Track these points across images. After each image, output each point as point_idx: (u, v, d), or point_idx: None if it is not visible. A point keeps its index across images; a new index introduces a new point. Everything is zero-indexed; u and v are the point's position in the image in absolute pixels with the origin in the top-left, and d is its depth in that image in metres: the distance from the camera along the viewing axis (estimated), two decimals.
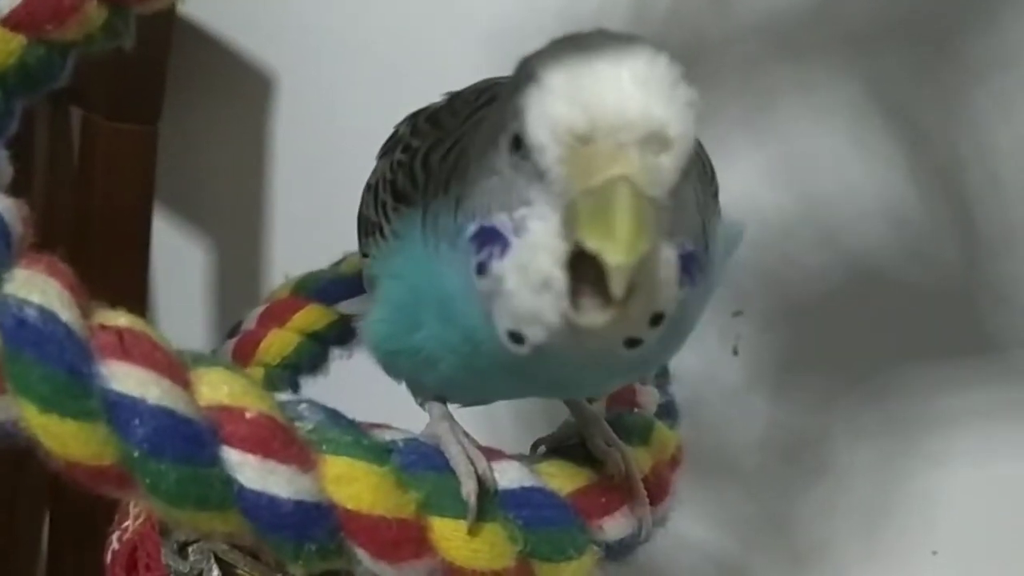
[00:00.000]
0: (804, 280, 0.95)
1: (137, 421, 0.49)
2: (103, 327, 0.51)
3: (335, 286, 0.81)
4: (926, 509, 0.95)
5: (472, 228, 0.49)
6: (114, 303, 0.53)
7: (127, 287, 1.09)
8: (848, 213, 0.93)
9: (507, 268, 0.47)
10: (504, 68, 0.98)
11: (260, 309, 0.80)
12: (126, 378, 0.49)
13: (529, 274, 0.46)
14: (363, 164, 1.10)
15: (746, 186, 0.54)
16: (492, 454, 0.57)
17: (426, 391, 0.60)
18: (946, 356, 0.93)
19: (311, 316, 0.80)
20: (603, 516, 0.59)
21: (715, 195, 0.57)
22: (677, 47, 0.51)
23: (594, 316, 0.45)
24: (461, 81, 1.05)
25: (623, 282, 0.44)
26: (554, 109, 0.45)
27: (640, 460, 0.62)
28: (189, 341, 0.55)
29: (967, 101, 0.89)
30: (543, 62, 0.47)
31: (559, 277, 0.46)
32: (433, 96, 1.07)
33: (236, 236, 1.20)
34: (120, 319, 0.51)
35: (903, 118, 0.92)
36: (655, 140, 0.45)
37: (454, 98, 0.61)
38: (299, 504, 0.51)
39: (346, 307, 0.80)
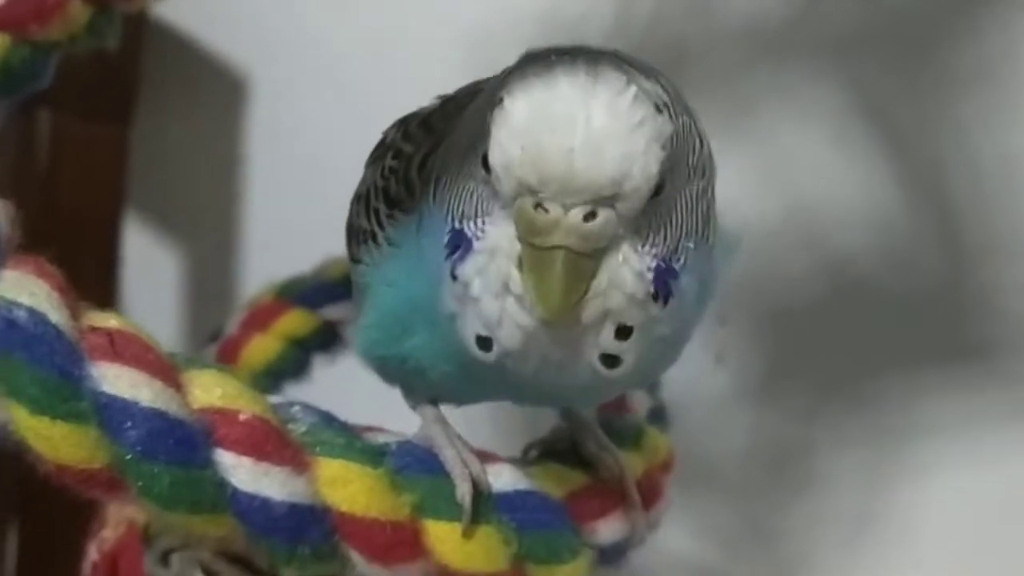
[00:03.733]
0: (787, 287, 0.95)
1: (130, 423, 0.48)
2: (93, 328, 0.50)
3: (319, 291, 0.81)
4: (910, 518, 0.94)
5: (447, 232, 0.50)
6: None
7: (95, 293, 1.07)
8: (831, 219, 0.93)
9: (470, 272, 0.48)
10: (485, 71, 0.97)
11: (242, 314, 0.80)
12: (117, 380, 0.49)
13: (490, 276, 0.48)
14: (339, 167, 1.09)
15: (728, 192, 0.54)
16: (486, 457, 0.57)
17: (418, 394, 0.59)
18: (930, 364, 0.92)
19: (294, 321, 0.80)
20: (597, 519, 0.58)
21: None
22: (659, 52, 0.51)
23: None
24: (441, 84, 1.05)
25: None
26: (509, 154, 0.46)
27: (632, 464, 0.62)
28: None
29: (949, 108, 0.89)
30: (511, 90, 0.47)
31: (517, 278, 0.47)
32: (411, 99, 1.07)
33: (209, 242, 1.18)
34: (111, 320, 0.51)
35: (886, 124, 0.92)
36: (605, 199, 0.45)
37: (447, 101, 0.60)
38: (293, 507, 0.50)
39: (330, 312, 0.79)
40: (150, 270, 1.19)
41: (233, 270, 1.18)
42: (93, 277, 1.10)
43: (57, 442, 0.48)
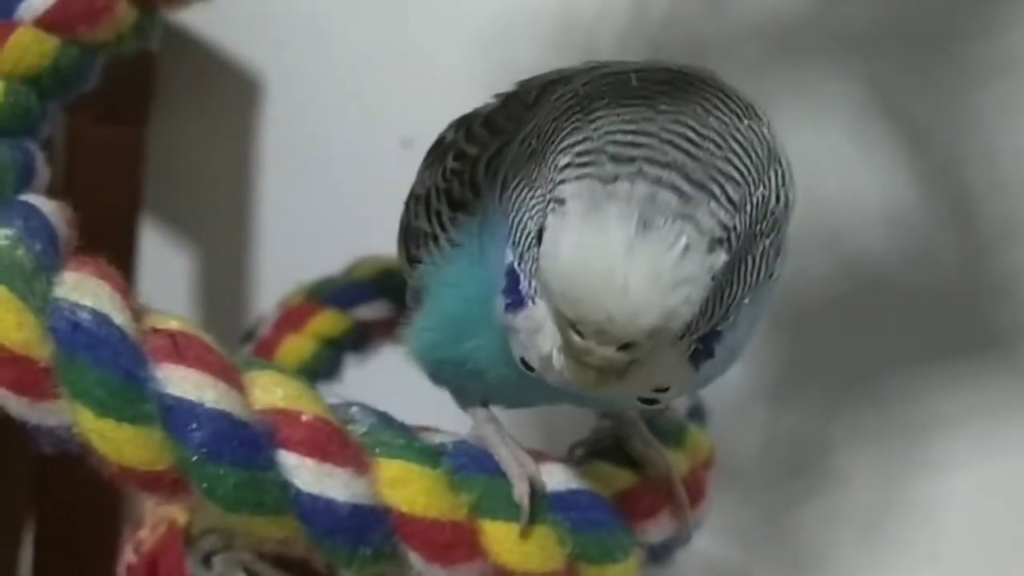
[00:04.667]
0: (805, 284, 0.95)
1: (195, 425, 0.48)
2: (155, 330, 0.50)
3: (350, 291, 0.81)
4: (928, 514, 0.95)
5: (509, 261, 0.49)
6: None
7: None
8: (849, 216, 0.93)
9: (520, 324, 0.49)
10: (499, 71, 0.97)
11: (275, 315, 0.80)
12: (182, 381, 0.49)
13: (533, 341, 0.48)
14: (352, 167, 1.10)
15: None
16: (537, 456, 0.57)
17: (471, 396, 0.59)
18: (948, 360, 0.93)
19: (327, 322, 0.80)
20: (646, 518, 0.59)
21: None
22: (674, 50, 0.51)
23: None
24: (453, 84, 1.05)
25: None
26: (551, 287, 0.45)
27: (677, 462, 0.62)
28: None
29: (967, 104, 0.89)
30: (565, 211, 0.45)
31: (557, 357, 0.47)
32: (425, 98, 1.07)
33: (224, 242, 1.18)
34: (171, 322, 0.51)
35: (903, 121, 0.92)
36: (638, 343, 0.45)
37: (508, 99, 0.59)
38: (356, 507, 0.50)
39: (362, 312, 0.79)
40: (166, 270, 1.19)
41: (248, 270, 1.18)
42: None
43: (122, 444, 0.48)
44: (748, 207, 0.46)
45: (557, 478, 0.56)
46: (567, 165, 0.46)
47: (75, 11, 0.59)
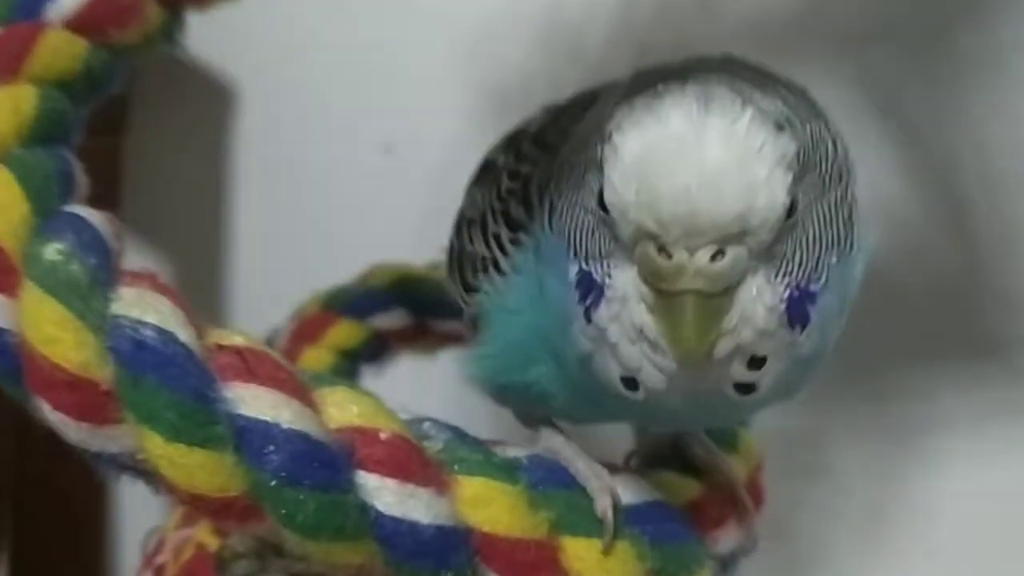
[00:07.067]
0: None
1: (271, 448, 0.45)
2: (221, 347, 0.47)
3: (365, 300, 0.80)
4: (924, 511, 0.94)
5: (575, 271, 0.47)
6: None
7: None
8: None
9: (604, 318, 0.46)
10: (483, 73, 0.94)
11: (291, 326, 0.78)
12: (255, 401, 0.46)
13: (624, 323, 0.45)
14: (326, 175, 1.08)
15: None
16: (608, 468, 0.54)
17: (535, 415, 0.57)
18: (944, 358, 0.92)
19: (343, 332, 0.79)
20: (716, 528, 0.56)
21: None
22: (662, 51, 0.50)
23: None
24: (436, 87, 1.03)
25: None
26: (624, 198, 0.43)
27: (736, 468, 0.60)
28: None
29: (960, 100, 0.88)
30: (620, 126, 0.44)
31: (651, 324, 0.45)
32: (401, 108, 1.05)
33: (198, 252, 1.16)
34: (236, 338, 0.48)
35: (896, 118, 0.91)
36: (732, 235, 0.43)
37: (559, 115, 0.56)
38: (439, 529, 0.47)
39: (378, 322, 0.77)
40: None
41: (223, 279, 1.16)
42: None
43: (194, 470, 0.45)
44: (804, 132, 0.45)
45: (631, 490, 0.53)
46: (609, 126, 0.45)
47: (104, 12, 0.56)
